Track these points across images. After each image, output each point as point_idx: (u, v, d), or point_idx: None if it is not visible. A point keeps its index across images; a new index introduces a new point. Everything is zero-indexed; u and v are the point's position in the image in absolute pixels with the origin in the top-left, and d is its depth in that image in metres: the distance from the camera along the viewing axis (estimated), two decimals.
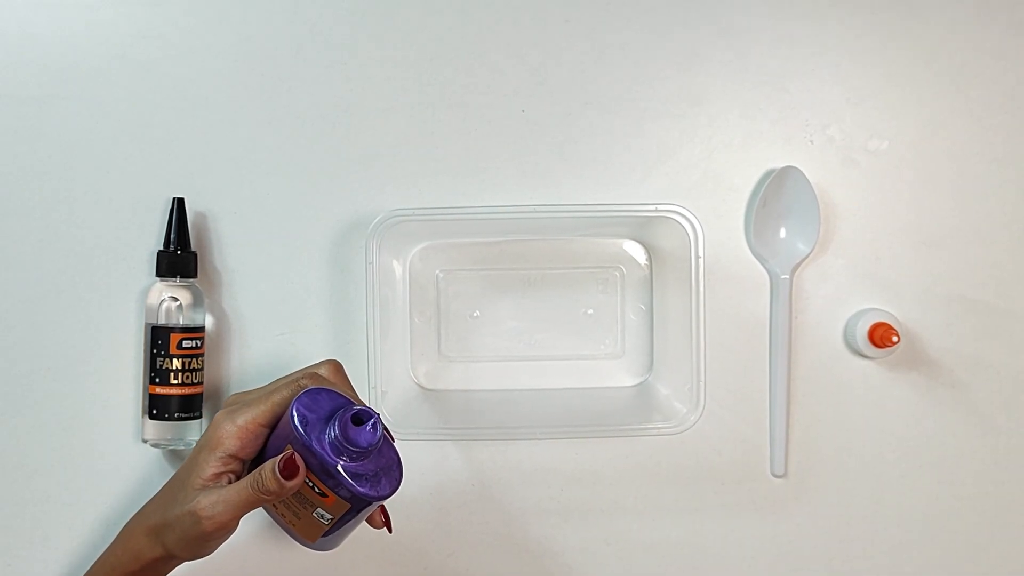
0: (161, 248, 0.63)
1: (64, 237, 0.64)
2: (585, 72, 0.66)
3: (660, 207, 0.59)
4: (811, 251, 0.65)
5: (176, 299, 0.62)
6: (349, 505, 0.50)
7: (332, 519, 0.51)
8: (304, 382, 0.53)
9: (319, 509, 0.51)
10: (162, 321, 0.62)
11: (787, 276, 0.65)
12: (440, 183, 0.65)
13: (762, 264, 0.66)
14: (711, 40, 0.66)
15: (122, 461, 0.64)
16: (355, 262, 0.64)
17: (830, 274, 0.66)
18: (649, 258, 0.66)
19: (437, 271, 0.65)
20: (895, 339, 0.62)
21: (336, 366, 0.55)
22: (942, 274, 0.66)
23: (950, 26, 0.67)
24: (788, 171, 0.65)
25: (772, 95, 0.66)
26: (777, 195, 0.65)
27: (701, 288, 0.58)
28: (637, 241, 0.66)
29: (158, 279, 0.63)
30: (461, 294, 0.66)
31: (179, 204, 0.63)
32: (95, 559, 0.56)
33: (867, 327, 0.64)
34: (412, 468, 0.53)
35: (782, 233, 0.66)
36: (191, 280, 0.63)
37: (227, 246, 0.65)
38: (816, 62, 0.67)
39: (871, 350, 0.64)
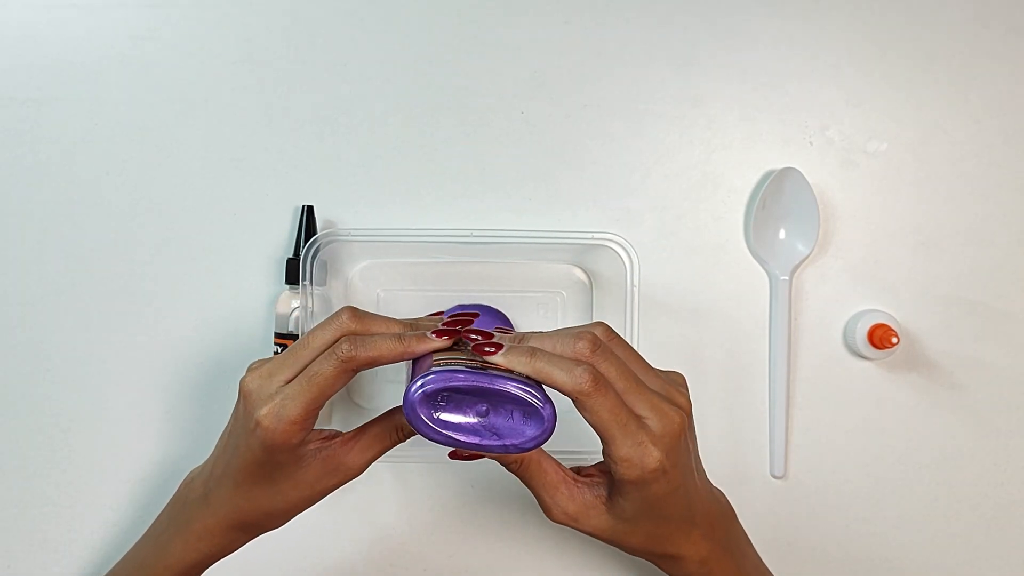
0: (291, 256, 0.63)
1: (65, 239, 0.64)
2: (584, 74, 0.66)
3: (597, 235, 0.58)
4: (810, 252, 0.65)
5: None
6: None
7: None
8: (344, 348, 0.47)
9: None
10: (292, 328, 0.61)
11: (786, 277, 0.65)
12: (440, 184, 0.65)
13: (761, 265, 0.66)
14: (710, 41, 0.66)
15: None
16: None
17: (829, 275, 0.66)
18: (590, 284, 0.65)
19: (378, 290, 0.65)
20: (894, 340, 0.62)
21: (353, 310, 0.49)
22: (941, 275, 0.66)
23: (949, 28, 0.67)
24: (787, 172, 0.65)
25: (771, 96, 0.67)
26: (776, 196, 0.65)
27: (636, 317, 0.58)
28: (578, 267, 0.66)
29: (287, 287, 0.62)
30: (401, 314, 0.63)
31: (309, 212, 0.62)
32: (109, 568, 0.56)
33: (866, 328, 0.64)
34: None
35: (781, 234, 0.66)
36: (322, 288, 0.62)
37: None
38: (815, 64, 0.67)
39: (870, 351, 0.64)
